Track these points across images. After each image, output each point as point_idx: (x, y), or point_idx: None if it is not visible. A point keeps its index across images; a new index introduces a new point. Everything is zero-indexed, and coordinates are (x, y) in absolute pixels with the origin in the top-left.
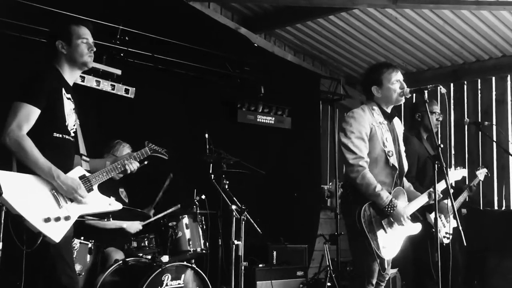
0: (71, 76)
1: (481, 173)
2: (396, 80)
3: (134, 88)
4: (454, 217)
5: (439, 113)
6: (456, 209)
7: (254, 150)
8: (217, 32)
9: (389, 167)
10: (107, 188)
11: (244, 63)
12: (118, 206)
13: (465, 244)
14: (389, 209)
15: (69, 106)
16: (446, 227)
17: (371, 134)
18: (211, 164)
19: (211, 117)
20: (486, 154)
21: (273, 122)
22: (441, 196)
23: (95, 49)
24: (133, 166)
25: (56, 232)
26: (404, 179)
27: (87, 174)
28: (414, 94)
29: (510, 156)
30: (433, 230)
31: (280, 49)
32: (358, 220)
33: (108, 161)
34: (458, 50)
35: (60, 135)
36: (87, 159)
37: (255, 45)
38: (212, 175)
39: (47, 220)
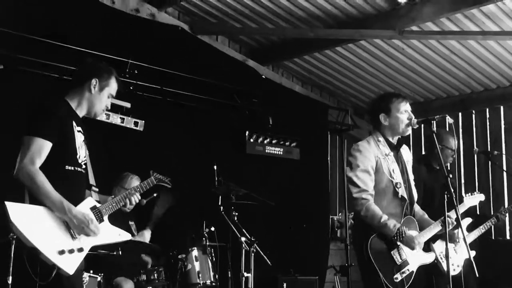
0: (81, 111)
1: None
2: (404, 110)
3: (143, 121)
4: (467, 247)
5: (454, 149)
6: (477, 237)
7: (263, 181)
8: (225, 64)
9: (398, 198)
10: (118, 221)
11: (252, 94)
12: (127, 236)
13: (477, 275)
14: (398, 237)
15: (80, 138)
16: (453, 257)
17: (377, 167)
18: (220, 196)
19: (220, 149)
20: (496, 183)
21: (281, 153)
22: (455, 223)
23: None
24: (138, 196)
25: (70, 264)
26: (418, 207)
27: (98, 205)
28: (422, 125)
29: None
30: (435, 261)
31: (287, 80)
32: (366, 251)
33: (109, 197)
34: (465, 79)
35: (72, 168)
36: (96, 189)
37: (263, 76)
38: (221, 207)
39: (61, 252)
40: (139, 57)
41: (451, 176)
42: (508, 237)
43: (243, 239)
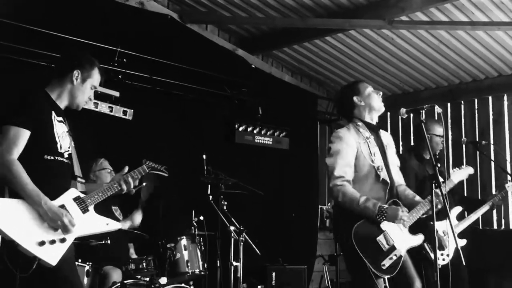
0: (62, 102)
1: (510, 186)
2: (371, 90)
3: (132, 110)
4: (454, 237)
5: (442, 136)
6: (473, 222)
7: (252, 171)
8: (214, 53)
9: (380, 182)
10: (100, 207)
11: (241, 84)
12: (116, 226)
13: (464, 263)
14: (380, 216)
15: (61, 128)
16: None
17: (358, 153)
18: (209, 185)
19: (209, 138)
20: (484, 173)
21: (271, 142)
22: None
23: (92, 100)
24: (130, 185)
25: (51, 255)
26: (403, 188)
27: (82, 195)
28: (411, 114)
29: (508, 175)
30: (424, 251)
31: (277, 70)
32: (350, 241)
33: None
34: (454, 70)
35: (52, 157)
36: (82, 181)
37: (253, 66)
38: (211, 196)
39: (41, 243)
40: (127, 46)
41: (439, 165)
42: (495, 227)
43: (232, 228)
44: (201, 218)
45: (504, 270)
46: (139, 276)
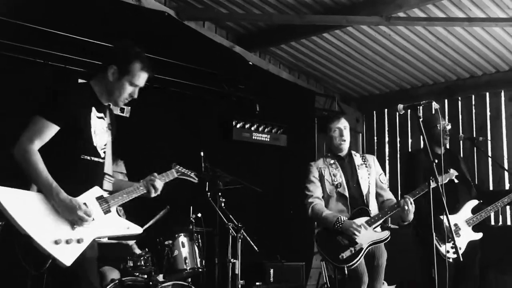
0: (102, 97)
1: None
2: (335, 132)
3: (129, 107)
4: (451, 232)
5: (446, 125)
6: (488, 215)
7: (250, 168)
8: (212, 51)
9: (341, 197)
10: None
11: (239, 81)
12: (137, 230)
13: (461, 259)
14: (337, 225)
15: (100, 125)
16: (456, 240)
17: (320, 176)
18: (207, 182)
19: (207, 135)
20: (481, 169)
21: (268, 139)
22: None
23: (135, 97)
24: (157, 191)
25: (66, 255)
26: (386, 198)
27: (105, 195)
28: (409, 110)
29: (505, 171)
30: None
31: (275, 67)
32: (315, 243)
33: (136, 183)
34: (451, 66)
35: (89, 158)
36: (112, 179)
37: (250, 63)
38: (208, 193)
39: (57, 242)
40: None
41: (436, 161)
42: (493, 223)
43: (230, 225)
44: (199, 215)
45: (503, 265)
46: (137, 274)
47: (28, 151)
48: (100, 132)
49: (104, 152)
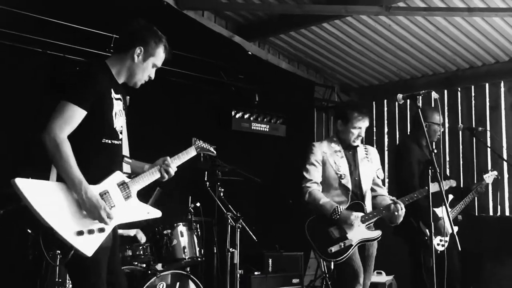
0: (120, 77)
1: (489, 177)
2: (356, 126)
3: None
4: (450, 223)
5: (439, 124)
6: (461, 209)
7: (248, 158)
8: (211, 40)
9: (343, 188)
10: None
11: (238, 71)
12: (157, 214)
13: (460, 249)
14: (334, 215)
15: (118, 107)
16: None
17: (323, 161)
18: (206, 172)
19: (206, 125)
20: (480, 160)
21: (267, 129)
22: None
23: (152, 79)
24: (171, 175)
25: (88, 246)
26: (380, 194)
27: (127, 180)
28: (408, 100)
29: (504, 161)
30: (426, 238)
31: (274, 57)
32: (305, 232)
33: (147, 165)
34: (451, 56)
35: (110, 141)
36: (129, 161)
37: (249, 53)
38: (207, 183)
39: (80, 233)
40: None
41: (435, 151)
42: (491, 213)
43: (229, 214)
44: (198, 204)
45: (500, 255)
46: (135, 263)
47: (60, 141)
48: (119, 114)
49: (121, 133)
